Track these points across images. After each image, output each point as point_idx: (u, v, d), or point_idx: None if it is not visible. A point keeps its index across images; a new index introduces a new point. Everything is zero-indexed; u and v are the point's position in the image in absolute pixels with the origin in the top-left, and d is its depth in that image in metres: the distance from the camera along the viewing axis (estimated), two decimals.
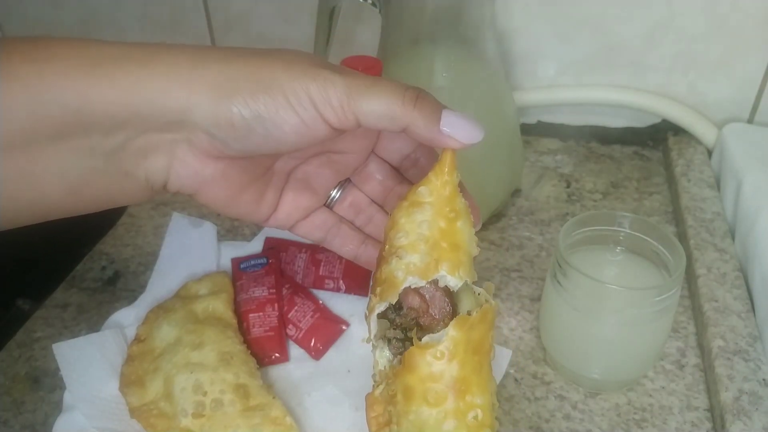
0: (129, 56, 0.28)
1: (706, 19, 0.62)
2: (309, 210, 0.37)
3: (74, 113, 0.27)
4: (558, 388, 0.45)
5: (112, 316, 0.48)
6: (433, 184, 0.32)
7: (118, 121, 0.28)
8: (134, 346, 0.45)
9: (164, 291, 0.50)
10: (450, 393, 0.30)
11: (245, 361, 0.43)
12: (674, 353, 0.47)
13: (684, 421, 0.43)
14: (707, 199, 0.59)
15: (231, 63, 0.29)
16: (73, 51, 0.28)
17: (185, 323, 0.45)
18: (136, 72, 0.28)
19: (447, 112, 0.31)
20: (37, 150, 0.28)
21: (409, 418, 0.31)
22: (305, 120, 0.29)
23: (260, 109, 0.29)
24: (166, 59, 0.29)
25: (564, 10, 0.65)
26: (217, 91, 0.28)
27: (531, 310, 0.51)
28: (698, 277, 0.51)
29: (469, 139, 0.31)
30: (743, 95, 0.65)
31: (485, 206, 0.58)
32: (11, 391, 0.46)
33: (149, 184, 0.31)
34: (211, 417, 0.40)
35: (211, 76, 0.29)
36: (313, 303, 0.50)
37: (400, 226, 0.32)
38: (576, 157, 0.70)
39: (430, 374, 0.30)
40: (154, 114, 0.28)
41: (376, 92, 0.30)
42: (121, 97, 0.28)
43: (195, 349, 0.43)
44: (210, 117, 0.29)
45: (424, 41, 0.53)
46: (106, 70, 0.28)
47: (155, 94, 0.28)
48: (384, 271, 0.32)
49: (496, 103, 0.56)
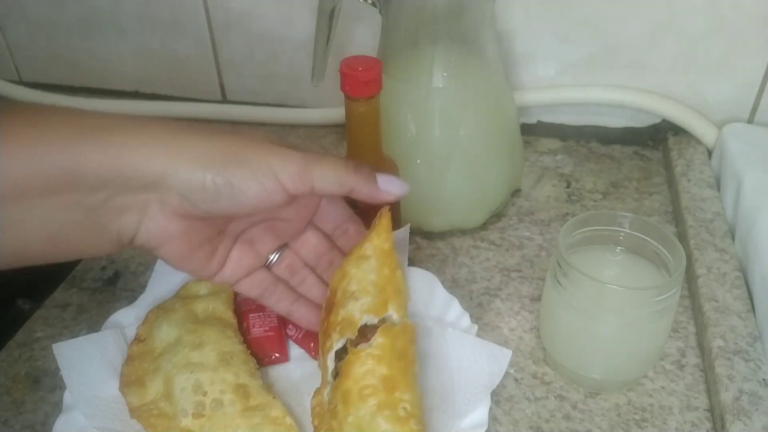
0: (118, 126, 0.33)
1: (707, 19, 0.62)
2: (251, 269, 0.42)
3: (66, 172, 0.31)
4: (558, 388, 0.45)
5: (112, 316, 0.48)
6: (375, 241, 0.40)
7: (103, 180, 0.33)
8: (134, 346, 0.45)
9: (164, 291, 0.49)
10: (381, 387, 0.36)
11: (245, 361, 0.43)
12: (674, 353, 0.47)
13: (684, 421, 0.43)
14: (707, 199, 0.59)
15: (206, 139, 0.35)
16: (70, 118, 0.33)
17: (185, 323, 0.45)
18: (124, 140, 0.33)
19: (379, 175, 0.38)
20: (28, 202, 0.31)
21: (349, 421, 0.36)
22: (266, 187, 0.35)
23: (230, 176, 0.34)
24: (149, 130, 0.34)
25: (564, 10, 0.65)
26: (194, 161, 0.34)
27: (531, 310, 0.51)
28: (698, 277, 0.51)
29: (399, 191, 0.39)
30: (743, 95, 0.65)
31: (485, 206, 0.58)
32: (11, 391, 0.46)
33: (119, 238, 0.35)
34: (211, 417, 0.40)
35: (189, 149, 0.34)
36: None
37: (351, 276, 0.40)
38: (576, 157, 0.70)
39: (363, 374, 0.37)
40: (135, 176, 0.33)
41: (326, 162, 0.37)
42: (109, 160, 0.32)
43: (195, 349, 0.43)
44: (185, 181, 0.34)
45: (424, 41, 0.53)
46: (98, 135, 0.32)
47: (139, 159, 0.33)
48: (340, 314, 0.39)
49: (496, 102, 0.56)
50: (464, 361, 0.43)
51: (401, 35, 0.53)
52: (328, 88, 0.59)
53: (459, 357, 0.44)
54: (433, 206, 0.56)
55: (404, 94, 0.54)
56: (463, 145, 0.54)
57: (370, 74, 0.44)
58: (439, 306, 0.48)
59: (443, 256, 0.57)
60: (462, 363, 0.43)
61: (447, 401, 0.42)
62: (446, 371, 0.43)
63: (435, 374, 0.44)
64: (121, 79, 0.82)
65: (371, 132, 0.48)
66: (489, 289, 0.53)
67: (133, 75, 0.81)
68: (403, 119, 0.54)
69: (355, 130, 0.47)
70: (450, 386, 0.43)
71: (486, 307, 0.51)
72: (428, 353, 0.45)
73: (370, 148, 0.48)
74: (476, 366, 0.43)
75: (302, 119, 0.76)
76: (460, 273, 0.55)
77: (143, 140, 0.33)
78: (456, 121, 0.54)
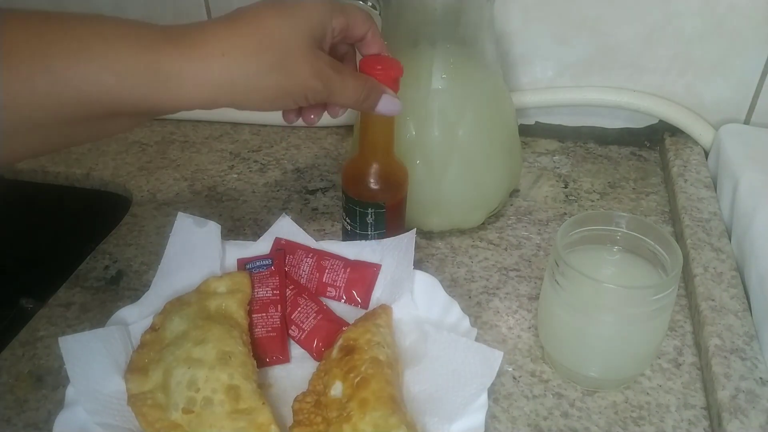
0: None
1: (703, 21, 0.62)
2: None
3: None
4: (556, 386, 0.46)
5: (116, 313, 0.48)
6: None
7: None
8: (148, 335, 0.45)
9: (169, 290, 0.50)
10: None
11: (243, 363, 0.43)
12: (671, 352, 0.48)
13: (681, 419, 0.43)
14: (704, 199, 0.59)
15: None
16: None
17: (195, 318, 0.45)
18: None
19: (382, 99, 0.45)
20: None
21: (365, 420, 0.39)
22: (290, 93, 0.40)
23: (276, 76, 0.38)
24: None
25: (562, 12, 0.65)
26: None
27: (529, 308, 0.51)
28: (695, 277, 0.51)
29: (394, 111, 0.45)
30: (740, 96, 0.65)
31: (484, 206, 0.59)
32: (14, 389, 0.47)
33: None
34: (199, 414, 0.40)
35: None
36: (317, 304, 0.50)
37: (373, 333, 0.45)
38: (574, 157, 0.70)
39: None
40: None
41: (346, 89, 0.41)
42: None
43: (198, 344, 0.43)
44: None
45: (423, 43, 0.53)
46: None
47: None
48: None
49: (494, 104, 0.57)
50: (458, 364, 0.43)
51: (401, 37, 0.54)
52: None
53: (453, 360, 0.43)
54: (432, 206, 0.57)
55: (404, 96, 0.54)
56: (461, 146, 0.55)
57: (390, 74, 0.44)
58: (438, 310, 0.48)
59: (442, 255, 0.57)
60: (456, 366, 0.43)
61: (441, 404, 0.42)
62: (441, 374, 0.43)
63: (431, 378, 0.44)
64: None
65: (385, 133, 0.48)
66: (487, 288, 0.54)
67: None
68: (403, 120, 0.54)
69: (371, 129, 0.48)
70: (443, 390, 0.43)
71: (484, 306, 0.52)
72: (425, 357, 0.45)
73: (381, 150, 0.49)
74: (469, 368, 0.43)
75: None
76: (459, 272, 0.55)
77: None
78: (455, 122, 0.54)
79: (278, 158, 0.72)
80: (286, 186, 0.67)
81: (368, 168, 0.49)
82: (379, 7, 0.53)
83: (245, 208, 0.64)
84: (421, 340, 0.45)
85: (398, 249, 0.51)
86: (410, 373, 0.44)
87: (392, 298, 0.49)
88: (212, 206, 0.65)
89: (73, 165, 0.72)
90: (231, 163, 0.71)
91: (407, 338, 0.46)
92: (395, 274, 0.50)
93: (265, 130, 0.77)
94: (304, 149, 0.74)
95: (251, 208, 0.64)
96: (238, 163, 0.71)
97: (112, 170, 0.71)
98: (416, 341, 0.46)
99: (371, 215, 0.50)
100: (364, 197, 0.50)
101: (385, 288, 0.51)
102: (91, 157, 0.73)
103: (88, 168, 0.71)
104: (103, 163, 0.72)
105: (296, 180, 0.68)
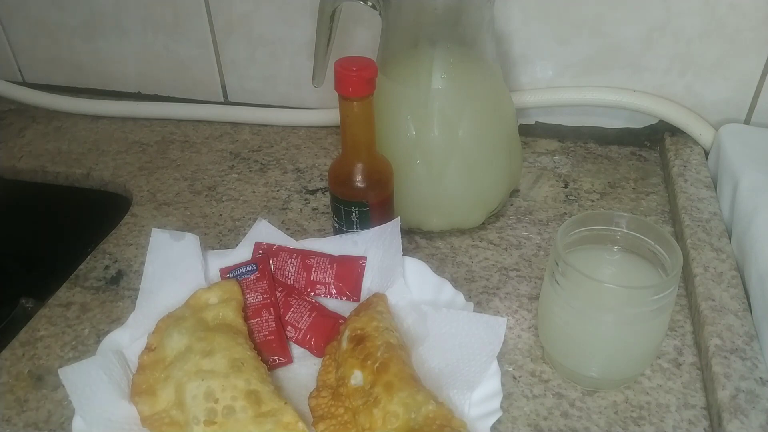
0: None
1: (703, 21, 0.62)
2: None
3: None
4: (556, 386, 0.46)
5: (107, 337, 0.47)
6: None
7: None
8: (145, 356, 0.45)
9: (156, 308, 0.48)
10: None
11: (256, 367, 0.43)
12: (671, 352, 0.48)
13: (681, 419, 0.43)
14: (704, 199, 0.59)
15: None
16: None
17: (195, 331, 0.45)
18: None
19: None
20: None
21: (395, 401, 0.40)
22: None
23: None
24: None
25: (562, 13, 0.65)
26: None
27: (529, 308, 0.51)
28: (695, 277, 0.51)
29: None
30: (740, 96, 0.65)
31: (484, 206, 0.59)
32: (15, 389, 0.47)
33: None
34: (223, 424, 0.40)
35: None
36: (309, 302, 0.50)
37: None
38: (574, 157, 0.70)
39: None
40: None
41: None
42: None
43: (206, 356, 0.43)
44: None
45: (423, 43, 0.53)
46: None
47: None
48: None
49: (494, 104, 0.57)
50: (463, 336, 0.45)
51: (401, 37, 0.54)
52: (328, 90, 0.59)
53: (458, 334, 0.45)
54: (432, 206, 0.57)
55: (404, 96, 0.54)
56: (462, 146, 0.55)
57: (364, 74, 0.45)
58: (431, 289, 0.50)
59: (442, 255, 0.57)
60: (462, 339, 0.45)
61: (456, 377, 0.43)
62: (449, 349, 0.45)
63: (440, 354, 0.45)
64: (124, 80, 0.82)
65: (365, 131, 0.48)
66: (488, 288, 0.54)
67: (135, 77, 0.82)
68: (403, 120, 0.54)
69: (350, 129, 0.48)
70: (454, 364, 0.44)
71: (485, 305, 0.52)
72: (429, 335, 0.46)
73: (364, 148, 0.49)
74: (475, 339, 0.44)
75: (303, 120, 0.77)
76: (459, 272, 0.55)
77: None
78: (455, 122, 0.54)
79: (278, 158, 0.72)
80: (286, 186, 0.67)
81: (350, 167, 0.50)
82: (379, 7, 0.53)
83: (245, 208, 0.64)
84: (420, 321, 0.47)
85: (382, 239, 0.51)
86: (417, 353, 0.45)
87: (383, 286, 0.50)
88: (212, 206, 0.65)
89: (73, 165, 0.72)
90: (231, 163, 0.71)
91: (404, 321, 0.48)
92: (383, 263, 0.51)
93: (265, 130, 0.78)
94: (304, 149, 0.74)
95: (251, 208, 0.64)
96: (238, 163, 0.72)
97: (112, 170, 0.71)
98: (414, 323, 0.47)
99: (355, 213, 0.51)
100: (348, 196, 0.50)
101: (374, 278, 0.51)
102: (91, 157, 0.73)
103: (88, 168, 0.72)
104: (103, 163, 0.72)
105: (296, 180, 0.68)
